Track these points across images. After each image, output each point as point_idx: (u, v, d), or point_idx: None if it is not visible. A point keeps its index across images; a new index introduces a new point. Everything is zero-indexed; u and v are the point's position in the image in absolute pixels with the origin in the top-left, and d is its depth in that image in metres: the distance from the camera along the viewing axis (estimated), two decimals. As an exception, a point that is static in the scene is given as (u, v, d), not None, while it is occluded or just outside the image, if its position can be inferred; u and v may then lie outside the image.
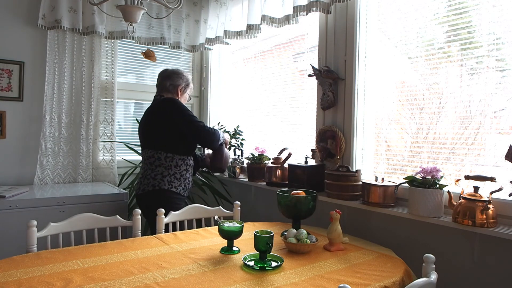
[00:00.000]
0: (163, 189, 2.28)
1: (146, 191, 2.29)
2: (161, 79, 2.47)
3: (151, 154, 2.34)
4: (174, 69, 2.54)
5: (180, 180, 2.35)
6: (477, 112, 1.85)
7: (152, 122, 2.38)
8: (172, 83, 2.44)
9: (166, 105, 2.34)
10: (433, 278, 1.26)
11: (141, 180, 2.35)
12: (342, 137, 2.30)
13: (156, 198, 2.26)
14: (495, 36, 1.77)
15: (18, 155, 2.92)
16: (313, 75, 2.40)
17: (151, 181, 2.29)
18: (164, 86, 2.45)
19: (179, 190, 2.33)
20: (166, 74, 2.48)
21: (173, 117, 2.30)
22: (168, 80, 2.45)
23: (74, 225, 1.85)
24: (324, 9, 2.22)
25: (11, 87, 2.88)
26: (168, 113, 2.32)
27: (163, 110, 2.34)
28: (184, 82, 2.49)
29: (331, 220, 1.72)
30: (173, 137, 2.32)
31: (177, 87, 2.46)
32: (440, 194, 1.78)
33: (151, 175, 2.30)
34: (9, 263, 1.43)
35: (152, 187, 2.28)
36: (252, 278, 1.36)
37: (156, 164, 2.31)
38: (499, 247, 1.65)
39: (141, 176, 2.38)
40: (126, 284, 1.28)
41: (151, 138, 2.38)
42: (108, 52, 3.24)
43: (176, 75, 2.48)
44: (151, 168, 2.32)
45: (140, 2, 2.16)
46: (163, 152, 2.32)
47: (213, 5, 3.30)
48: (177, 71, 2.51)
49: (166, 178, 2.29)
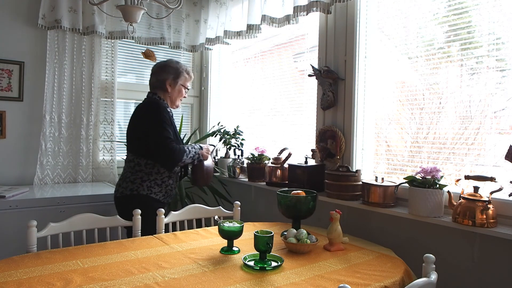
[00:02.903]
0: (141, 194, 2.16)
1: (124, 194, 2.18)
2: (150, 76, 2.32)
3: (132, 158, 2.21)
4: (162, 61, 2.34)
5: (161, 187, 2.22)
6: (477, 112, 1.85)
7: (131, 125, 2.25)
8: (158, 78, 2.26)
9: (144, 110, 2.21)
10: (433, 278, 1.26)
11: (120, 183, 2.23)
12: (342, 137, 2.30)
13: (133, 202, 2.11)
14: (495, 36, 1.77)
15: (18, 155, 2.92)
16: (313, 75, 2.40)
17: (129, 185, 2.17)
18: (153, 83, 2.30)
19: (159, 196, 2.21)
20: (152, 70, 2.31)
21: (146, 124, 2.14)
22: (154, 76, 2.29)
23: (74, 225, 1.85)
24: (324, 9, 2.22)
25: (11, 87, 2.88)
26: (143, 118, 2.18)
27: (141, 114, 2.21)
28: (172, 73, 2.27)
29: (331, 220, 1.72)
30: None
31: (164, 82, 2.26)
32: (440, 194, 1.78)
33: (130, 179, 2.18)
34: (9, 263, 1.43)
35: (130, 191, 2.16)
36: (252, 278, 1.36)
37: (137, 169, 2.18)
38: (499, 247, 1.65)
39: (121, 177, 2.25)
40: (126, 284, 1.28)
41: (131, 142, 2.26)
42: (108, 52, 3.24)
43: (161, 68, 2.28)
44: (131, 172, 2.19)
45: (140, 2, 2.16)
46: (143, 159, 2.18)
47: (213, 5, 3.30)
48: (164, 63, 2.31)
49: (145, 183, 2.17)
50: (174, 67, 2.30)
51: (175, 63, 2.32)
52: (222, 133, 3.16)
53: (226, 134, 3.14)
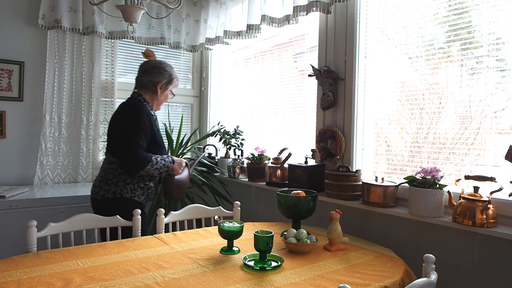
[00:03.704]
0: (124, 197, 2.09)
1: (106, 197, 2.08)
2: (140, 73, 2.20)
3: (113, 160, 2.11)
4: (156, 61, 2.24)
5: (144, 189, 2.16)
6: (477, 112, 1.85)
7: (112, 126, 2.15)
8: (151, 79, 2.16)
9: (125, 112, 2.12)
10: (433, 278, 1.26)
11: (100, 185, 2.11)
12: (342, 137, 2.30)
13: (116, 206, 2.05)
14: (495, 36, 1.77)
15: (18, 155, 2.92)
16: (313, 75, 2.40)
17: (112, 188, 2.08)
18: (142, 82, 2.18)
19: (141, 199, 2.15)
20: (144, 68, 2.20)
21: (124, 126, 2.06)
22: (146, 75, 2.17)
23: (74, 225, 1.85)
24: (324, 9, 2.22)
25: (11, 87, 2.88)
26: (123, 120, 2.08)
27: (122, 116, 2.11)
28: (166, 78, 2.20)
29: (331, 220, 1.72)
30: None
31: (156, 85, 2.17)
32: (440, 194, 1.78)
33: (112, 181, 2.09)
34: (9, 263, 1.43)
35: (112, 194, 2.08)
36: (252, 278, 1.36)
37: (119, 172, 2.09)
38: (499, 247, 1.65)
39: (100, 179, 2.13)
40: (126, 284, 1.28)
41: (110, 144, 2.15)
42: (108, 52, 3.24)
43: (157, 69, 2.18)
44: (113, 174, 2.10)
45: (140, 2, 2.16)
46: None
47: (213, 5, 3.30)
48: (158, 64, 2.21)
49: (129, 186, 2.10)
50: (169, 71, 2.23)
51: (170, 68, 2.25)
52: (222, 133, 3.16)
53: (226, 134, 3.14)
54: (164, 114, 3.60)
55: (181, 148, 3.22)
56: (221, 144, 3.20)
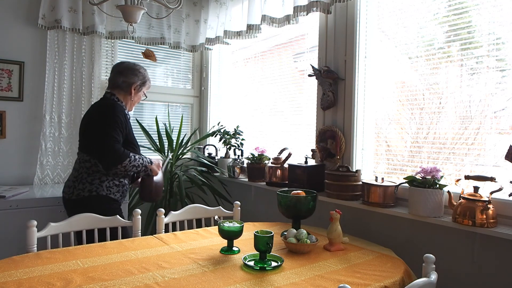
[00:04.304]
0: (101, 195, 2.07)
1: (81, 196, 2.05)
2: (114, 74, 2.21)
3: (87, 158, 2.09)
4: (130, 63, 2.27)
5: (119, 187, 2.15)
6: (477, 112, 1.85)
7: (87, 125, 2.13)
8: (126, 80, 2.19)
9: (99, 110, 2.12)
10: (433, 278, 1.26)
11: (75, 184, 2.08)
12: (342, 137, 2.30)
13: (92, 204, 2.03)
14: (495, 36, 1.77)
15: (18, 155, 2.92)
16: (313, 75, 2.40)
17: (87, 186, 2.06)
18: (116, 83, 2.19)
19: (116, 196, 2.14)
20: (119, 69, 2.21)
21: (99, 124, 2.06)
22: (121, 76, 2.18)
23: (74, 225, 1.85)
24: (324, 9, 2.22)
25: (11, 87, 2.88)
26: (98, 118, 2.09)
27: (96, 115, 2.11)
28: (140, 79, 2.24)
29: (331, 220, 1.72)
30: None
31: (131, 86, 2.20)
32: (440, 194, 1.78)
33: (87, 180, 2.07)
34: (9, 263, 1.43)
35: (88, 193, 2.05)
36: (252, 278, 1.36)
37: (94, 170, 2.08)
38: (499, 247, 1.65)
39: (73, 179, 2.10)
40: (126, 284, 1.28)
41: (86, 142, 2.13)
42: (108, 52, 3.24)
43: (131, 71, 2.21)
44: (88, 173, 2.08)
45: (140, 2, 2.16)
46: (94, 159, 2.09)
47: (213, 5, 3.30)
48: (133, 66, 2.24)
49: (104, 183, 2.09)
50: (143, 73, 2.26)
51: (144, 70, 2.28)
52: (222, 133, 3.16)
53: (226, 134, 3.14)
54: (164, 114, 3.61)
55: (181, 148, 3.22)
56: (221, 144, 3.20)
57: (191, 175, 3.12)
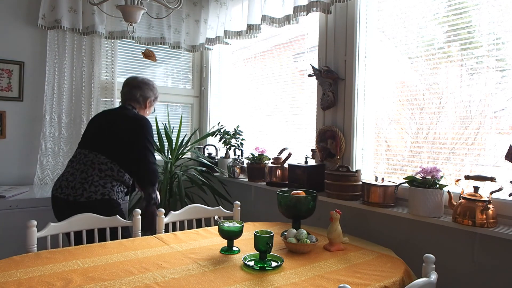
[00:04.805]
0: (112, 199, 2.08)
1: (92, 199, 2.02)
2: (130, 88, 2.31)
3: (104, 161, 2.09)
4: (144, 78, 2.39)
5: (122, 193, 2.20)
6: (477, 112, 1.85)
7: (115, 132, 2.16)
8: (143, 94, 2.32)
9: (137, 125, 2.18)
10: (433, 278, 1.26)
11: (84, 186, 2.04)
12: (342, 137, 2.30)
13: (103, 207, 2.03)
14: (495, 36, 1.77)
15: (18, 155, 2.92)
16: (313, 75, 2.40)
17: (100, 189, 2.05)
18: (134, 96, 2.30)
19: (121, 201, 2.18)
20: (136, 83, 2.33)
21: (137, 139, 2.14)
22: (138, 90, 2.31)
23: (74, 225, 1.85)
24: (324, 9, 2.22)
25: (11, 87, 2.88)
26: (135, 134, 2.15)
27: (132, 128, 2.16)
28: (154, 94, 2.39)
29: (331, 220, 1.72)
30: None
31: (146, 99, 2.34)
32: (440, 194, 1.78)
33: (99, 183, 2.06)
34: (9, 263, 1.43)
35: (101, 196, 2.05)
36: (252, 278, 1.36)
37: (107, 174, 2.09)
38: (499, 247, 1.65)
39: (81, 180, 2.05)
40: (126, 284, 1.28)
41: (109, 146, 2.14)
42: (108, 52, 3.24)
43: (147, 86, 2.35)
44: (100, 176, 2.07)
45: (140, 2, 2.16)
46: (116, 165, 2.11)
47: (213, 5, 3.30)
48: (148, 81, 2.38)
49: (115, 188, 2.12)
50: (156, 88, 2.42)
51: (155, 85, 2.43)
52: (222, 133, 3.16)
53: (226, 134, 3.14)
54: (164, 114, 3.60)
55: (181, 148, 3.22)
56: (221, 144, 3.20)
57: (191, 175, 3.12)
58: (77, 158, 2.15)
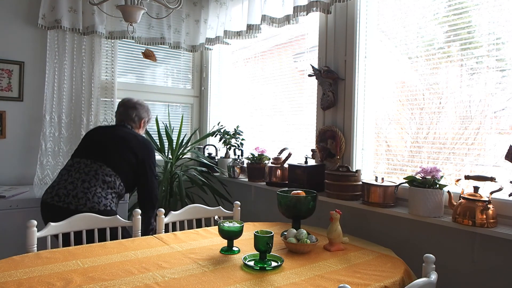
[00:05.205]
0: (113, 210, 2.14)
1: (95, 209, 2.04)
2: (126, 108, 2.43)
3: (109, 173, 2.14)
4: (139, 100, 2.51)
5: (118, 205, 2.25)
6: (477, 112, 1.85)
7: (125, 148, 2.24)
8: (138, 114, 2.44)
9: (147, 148, 2.32)
10: (433, 278, 1.26)
11: (87, 196, 2.05)
12: (342, 137, 2.30)
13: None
14: (495, 36, 1.77)
15: (18, 155, 2.92)
16: (313, 75, 2.40)
17: (102, 200, 2.08)
18: (130, 116, 2.41)
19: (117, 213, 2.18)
20: (131, 104, 2.45)
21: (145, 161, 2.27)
22: (134, 110, 2.43)
23: (74, 225, 1.85)
24: (324, 9, 2.22)
25: (11, 87, 2.88)
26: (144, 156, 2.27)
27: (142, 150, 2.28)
28: (148, 116, 2.51)
29: (331, 220, 1.72)
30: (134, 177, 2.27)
31: (141, 120, 2.46)
32: (440, 194, 1.78)
33: (102, 194, 2.09)
34: (9, 263, 1.43)
35: (104, 207, 2.08)
36: (252, 278, 1.36)
37: (110, 186, 2.13)
38: (499, 247, 1.65)
39: (84, 190, 2.06)
40: (126, 284, 1.28)
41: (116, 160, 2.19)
42: (108, 52, 3.24)
43: (142, 107, 2.48)
44: (102, 187, 2.11)
45: (140, 2, 2.16)
46: (119, 178, 2.17)
47: (213, 5, 3.30)
48: (142, 103, 2.50)
49: (114, 199, 2.17)
50: (150, 110, 2.55)
51: (149, 107, 2.56)
52: (222, 133, 3.16)
53: (226, 134, 3.14)
54: (164, 114, 3.60)
55: (181, 148, 3.22)
56: (221, 144, 3.20)
57: (191, 175, 3.12)
58: (75, 167, 2.15)
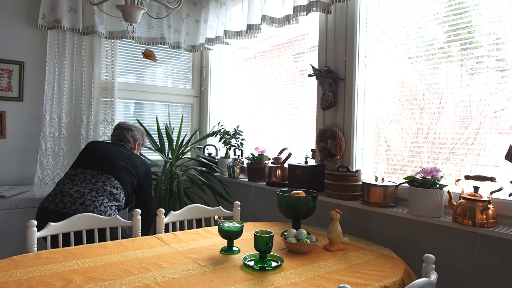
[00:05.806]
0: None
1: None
2: (122, 130, 2.54)
3: (116, 186, 2.21)
4: (134, 123, 2.66)
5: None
6: (477, 112, 1.85)
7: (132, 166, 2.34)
8: (133, 135, 2.55)
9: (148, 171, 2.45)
10: (433, 278, 1.26)
11: (95, 204, 2.09)
12: (342, 137, 2.30)
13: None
14: (495, 36, 1.77)
15: (18, 155, 2.92)
16: (313, 75, 2.40)
17: (108, 210, 2.13)
18: (125, 137, 2.52)
19: None
20: (127, 126, 2.57)
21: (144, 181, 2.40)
22: (129, 131, 2.55)
23: (74, 225, 1.86)
24: (324, 9, 2.22)
25: (11, 87, 2.88)
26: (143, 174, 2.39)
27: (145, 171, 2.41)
28: (142, 139, 2.61)
29: (331, 220, 1.72)
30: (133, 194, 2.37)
31: (136, 141, 2.56)
32: (440, 194, 1.78)
33: (108, 204, 2.14)
34: (9, 263, 1.43)
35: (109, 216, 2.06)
36: (252, 278, 1.36)
37: (116, 198, 2.19)
38: (499, 247, 1.65)
39: (92, 198, 2.11)
40: (126, 284, 1.28)
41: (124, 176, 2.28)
42: (108, 52, 3.24)
43: (136, 130, 2.59)
44: (109, 198, 2.16)
45: (140, 2, 2.16)
46: (123, 192, 2.24)
47: (213, 5, 3.30)
48: (137, 126, 2.62)
49: (117, 211, 2.22)
50: (144, 134, 2.66)
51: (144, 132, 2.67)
52: (222, 133, 3.16)
53: (226, 134, 3.14)
54: (164, 114, 3.61)
55: (181, 148, 3.22)
56: (221, 144, 3.20)
57: (191, 175, 3.12)
58: (80, 178, 2.20)
